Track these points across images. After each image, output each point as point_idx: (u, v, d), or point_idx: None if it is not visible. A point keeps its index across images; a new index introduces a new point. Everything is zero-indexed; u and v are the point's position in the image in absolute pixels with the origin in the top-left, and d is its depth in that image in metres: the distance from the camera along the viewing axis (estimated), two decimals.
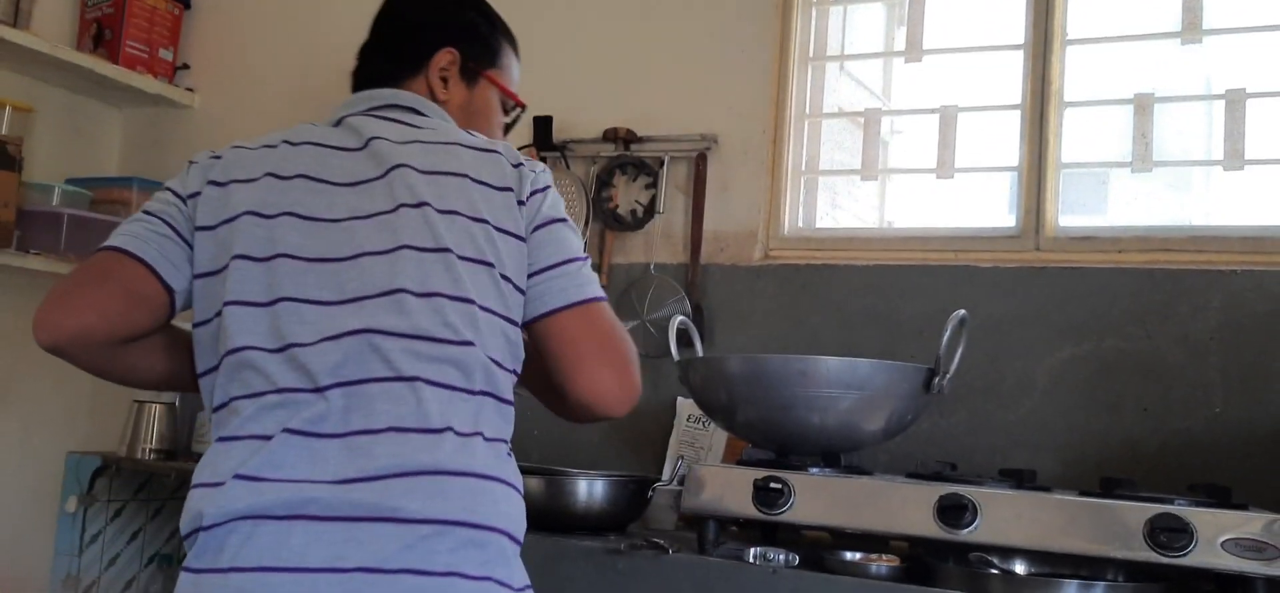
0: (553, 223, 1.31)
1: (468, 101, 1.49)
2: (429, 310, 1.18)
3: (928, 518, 1.49)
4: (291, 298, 1.19)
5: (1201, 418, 1.81)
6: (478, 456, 1.15)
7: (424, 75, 1.46)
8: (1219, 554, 1.35)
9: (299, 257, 1.22)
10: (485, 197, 1.27)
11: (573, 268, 1.29)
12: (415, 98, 1.42)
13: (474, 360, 1.18)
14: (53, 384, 2.72)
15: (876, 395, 1.67)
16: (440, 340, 1.17)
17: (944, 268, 2.05)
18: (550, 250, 1.29)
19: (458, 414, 1.16)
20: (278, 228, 1.24)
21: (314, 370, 1.15)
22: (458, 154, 1.30)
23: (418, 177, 1.26)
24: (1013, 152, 2.11)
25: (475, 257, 1.23)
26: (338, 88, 2.61)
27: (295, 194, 1.26)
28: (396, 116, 1.39)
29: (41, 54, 2.46)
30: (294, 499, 1.08)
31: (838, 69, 2.41)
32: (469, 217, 1.25)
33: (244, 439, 1.14)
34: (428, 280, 1.19)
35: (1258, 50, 2.04)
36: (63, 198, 2.54)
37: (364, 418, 1.13)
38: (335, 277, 1.20)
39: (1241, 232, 1.91)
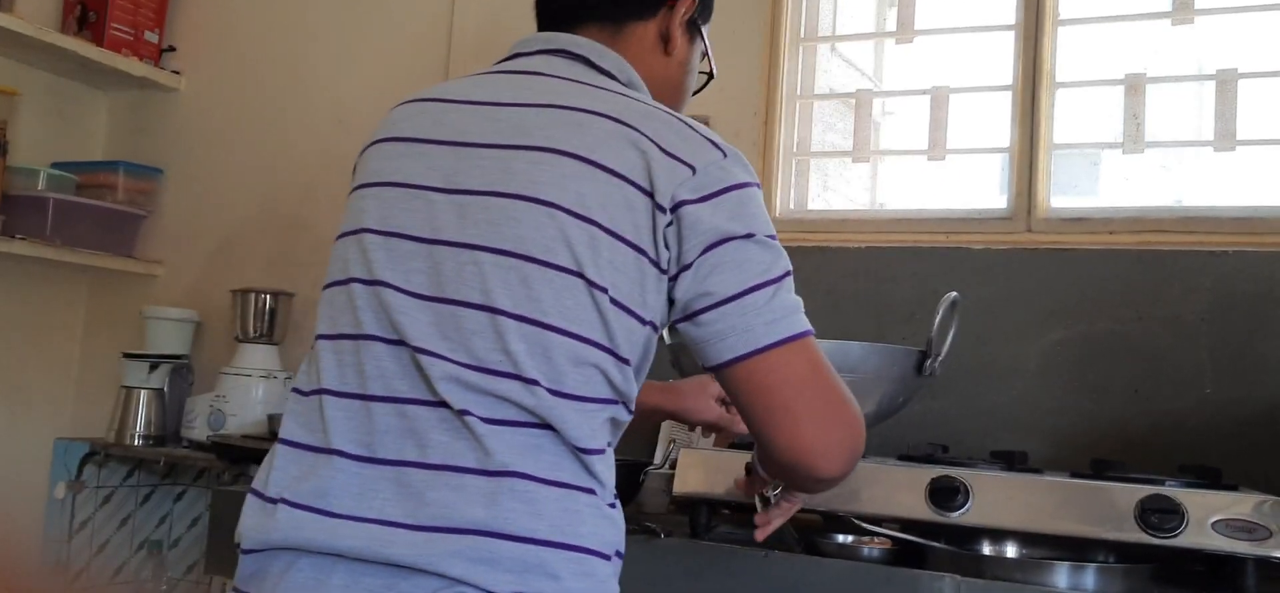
0: (728, 241, 1.03)
1: (686, 60, 1.25)
2: (491, 332, 1.00)
3: (919, 501, 1.49)
4: (371, 280, 1.05)
5: (1191, 399, 1.82)
6: (545, 512, 0.98)
7: (658, 22, 1.21)
8: (1209, 535, 1.35)
9: (375, 229, 1.07)
10: (602, 188, 1.02)
11: (756, 300, 1.03)
12: (595, 47, 1.16)
13: (537, 400, 0.99)
14: (40, 370, 2.71)
15: (868, 379, 1.67)
16: (492, 371, 1.00)
17: (935, 250, 2.05)
18: (724, 277, 1.03)
19: (522, 456, 0.99)
20: (367, 197, 1.10)
21: (367, 373, 1.03)
22: (587, 127, 1.05)
23: (525, 155, 1.04)
24: (1004, 133, 2.10)
25: (570, 267, 1.01)
26: (327, 69, 2.61)
27: (394, 160, 1.11)
28: (552, 68, 1.14)
29: (26, 36, 2.44)
30: (334, 541, 0.99)
31: (829, 50, 2.40)
32: (574, 214, 1.01)
33: (298, 449, 1.04)
34: (496, 293, 1.01)
35: (1248, 31, 2.03)
36: (48, 182, 2.53)
37: (417, 449, 0.99)
38: (402, 261, 1.05)
39: (1232, 212, 1.91)
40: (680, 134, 1.07)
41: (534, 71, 1.15)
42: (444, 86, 1.18)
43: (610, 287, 1.02)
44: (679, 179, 1.04)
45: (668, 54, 1.23)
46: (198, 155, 2.74)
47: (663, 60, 1.23)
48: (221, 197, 2.70)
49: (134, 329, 2.62)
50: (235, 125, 2.71)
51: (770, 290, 1.04)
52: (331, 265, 1.11)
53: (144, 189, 2.73)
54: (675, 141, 1.06)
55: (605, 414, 1.05)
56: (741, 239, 1.04)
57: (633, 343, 1.05)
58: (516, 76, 1.15)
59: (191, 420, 2.43)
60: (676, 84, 1.25)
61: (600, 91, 1.11)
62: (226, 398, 2.40)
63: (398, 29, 2.57)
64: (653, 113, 1.09)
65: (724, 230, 1.03)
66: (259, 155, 2.67)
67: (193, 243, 2.72)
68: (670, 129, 1.07)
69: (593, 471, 1.02)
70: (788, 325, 1.04)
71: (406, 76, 2.51)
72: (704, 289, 1.03)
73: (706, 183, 1.04)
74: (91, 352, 2.77)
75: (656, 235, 1.03)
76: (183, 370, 2.55)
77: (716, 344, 1.04)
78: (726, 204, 1.05)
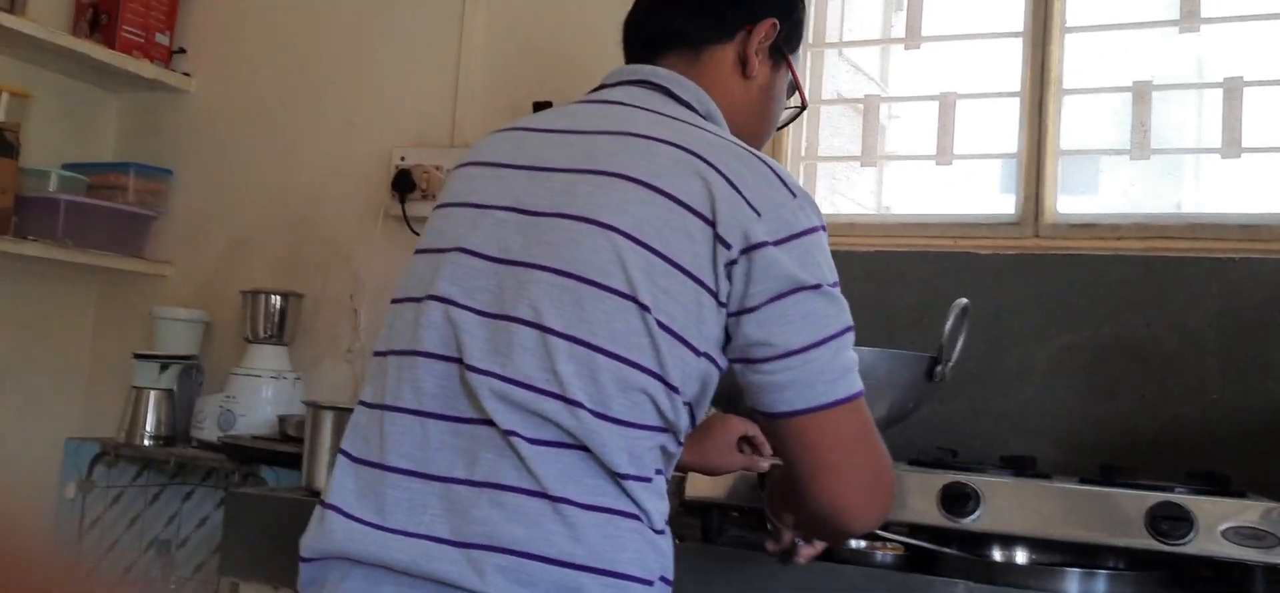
0: (797, 292, 1.02)
1: (768, 86, 1.24)
2: (541, 350, 1.00)
3: (931, 507, 1.51)
4: (439, 297, 1.07)
5: (1198, 405, 1.83)
6: (585, 537, 0.98)
7: (737, 45, 1.20)
8: (1219, 542, 1.37)
9: (454, 249, 1.09)
10: (662, 214, 1.02)
11: (820, 356, 1.02)
12: (674, 78, 1.16)
13: (579, 423, 0.99)
14: (51, 370, 2.72)
15: (878, 384, 1.68)
16: (537, 389, 1.00)
17: (943, 255, 2.06)
18: (790, 330, 1.02)
19: (564, 479, 0.99)
20: (449, 217, 1.12)
21: (426, 392, 1.05)
22: (653, 154, 1.05)
23: (590, 179, 1.05)
24: (1011, 138, 2.12)
25: (624, 291, 1.00)
26: (337, 71, 2.62)
27: (478, 182, 1.12)
28: (632, 98, 1.15)
29: (37, 39, 2.44)
30: (385, 554, 1.01)
31: (836, 55, 2.41)
32: (633, 238, 1.01)
33: (357, 463, 1.07)
34: (547, 312, 1.01)
35: (1255, 39, 2.05)
36: (60, 183, 2.54)
37: (466, 466, 1.01)
38: (467, 279, 1.07)
39: (1239, 220, 1.92)
40: (750, 167, 1.06)
41: (614, 101, 1.16)
42: (534, 118, 1.21)
43: (663, 314, 1.01)
44: (747, 217, 1.02)
45: (747, 78, 1.21)
46: (208, 156, 2.76)
47: (742, 84, 1.22)
48: (231, 198, 2.71)
49: (144, 330, 2.64)
50: (245, 126, 2.72)
51: (834, 347, 1.04)
52: (405, 280, 1.13)
53: (154, 190, 2.74)
54: (744, 175, 1.05)
55: (652, 442, 1.04)
56: (810, 290, 1.03)
57: (686, 373, 1.04)
58: (597, 106, 1.16)
59: (201, 421, 2.45)
60: (757, 111, 1.24)
61: (672, 121, 1.11)
62: (236, 398, 2.41)
63: (408, 29, 2.58)
64: (724, 145, 1.08)
65: (795, 279, 1.02)
66: (269, 156, 2.68)
67: (203, 244, 2.73)
68: (740, 161, 1.06)
69: (634, 496, 1.01)
70: (846, 385, 1.05)
71: (417, 77, 2.53)
72: (768, 337, 1.03)
73: (778, 227, 1.03)
74: (102, 352, 2.78)
75: (717, 268, 1.02)
76: (192, 371, 2.56)
77: (774, 394, 1.04)
78: (797, 250, 1.04)
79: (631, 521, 1.01)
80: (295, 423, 2.25)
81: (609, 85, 1.21)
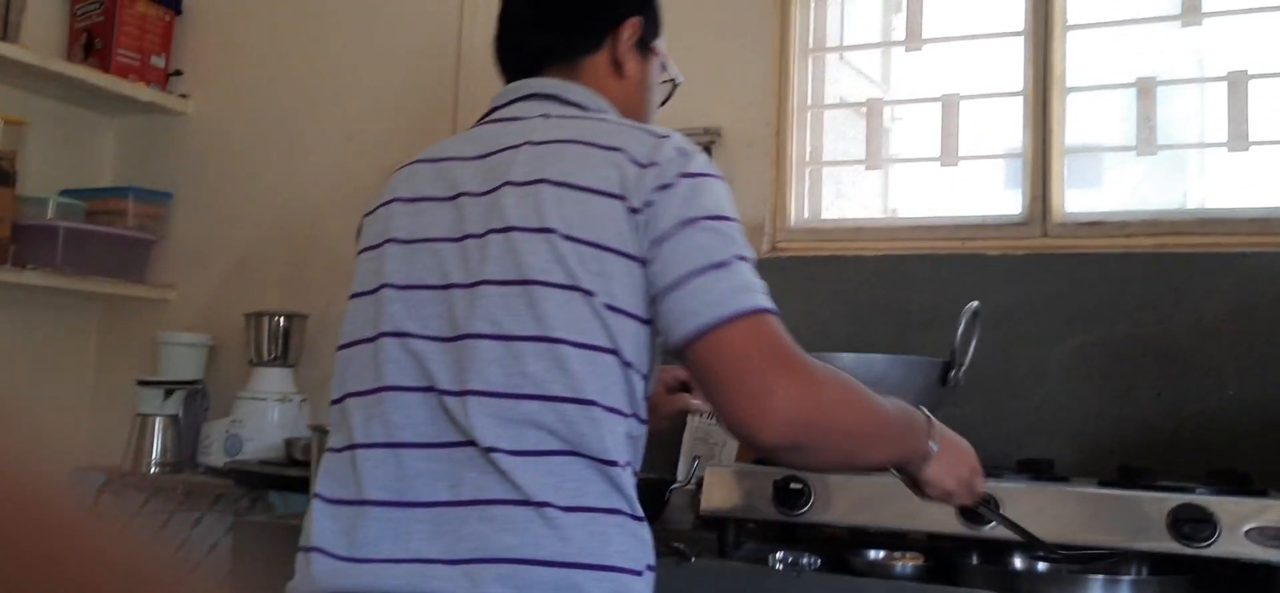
0: (684, 228, 1.08)
1: (642, 79, 1.31)
2: (508, 358, 1.06)
3: (949, 515, 1.49)
4: (393, 332, 1.13)
5: (1215, 402, 1.82)
6: (572, 537, 1.03)
7: (607, 50, 1.28)
8: (1243, 544, 1.35)
9: (395, 284, 1.15)
10: (584, 206, 1.10)
11: (703, 283, 1.07)
12: (561, 85, 1.24)
13: (559, 417, 1.05)
14: (53, 400, 2.70)
15: (893, 391, 1.65)
16: (515, 396, 1.05)
17: (952, 256, 2.05)
18: (675, 263, 1.08)
19: (545, 485, 1.04)
20: (386, 256, 1.18)
21: (395, 424, 1.10)
22: (561, 154, 1.13)
23: (513, 192, 1.12)
24: (1015, 137, 2.10)
25: (567, 283, 1.07)
26: (335, 88, 2.61)
27: (401, 219, 1.19)
28: (527, 112, 1.23)
29: (32, 66, 2.43)
30: (377, 583, 1.05)
31: (837, 59, 2.40)
32: (563, 235, 1.08)
33: (333, 504, 1.11)
34: (505, 321, 1.07)
35: (1257, 31, 2.03)
36: (58, 210, 2.52)
37: (449, 489, 1.05)
38: (420, 308, 1.12)
39: (1249, 213, 1.91)
40: (645, 143, 1.14)
41: (511, 118, 1.24)
42: (438, 147, 1.26)
43: (605, 294, 1.08)
44: (645, 179, 1.11)
45: (622, 78, 1.29)
46: (207, 178, 2.74)
47: (619, 84, 1.29)
48: (232, 219, 2.69)
49: (147, 355, 2.62)
50: (244, 147, 2.71)
51: (718, 274, 1.07)
52: (348, 324, 1.19)
53: (154, 214, 2.72)
54: (642, 149, 1.13)
55: (623, 428, 1.09)
56: (692, 224, 1.09)
57: (637, 345, 1.10)
58: (497, 125, 1.24)
59: (208, 446, 2.43)
60: (638, 102, 1.32)
61: (568, 120, 1.20)
62: (243, 423, 2.39)
63: (406, 45, 2.56)
64: (621, 129, 1.17)
65: (679, 216, 1.09)
66: (269, 176, 2.66)
67: (204, 266, 2.71)
68: (636, 140, 1.14)
69: (618, 485, 1.07)
70: (729, 305, 1.06)
71: (415, 92, 2.51)
72: (661, 273, 1.09)
73: (665, 175, 1.11)
74: (105, 380, 2.76)
75: (637, 236, 1.10)
76: (198, 396, 2.55)
77: (669, 328, 1.08)
78: (682, 192, 1.10)
79: (613, 516, 1.06)
80: (302, 446, 2.23)
81: (501, 106, 1.27)
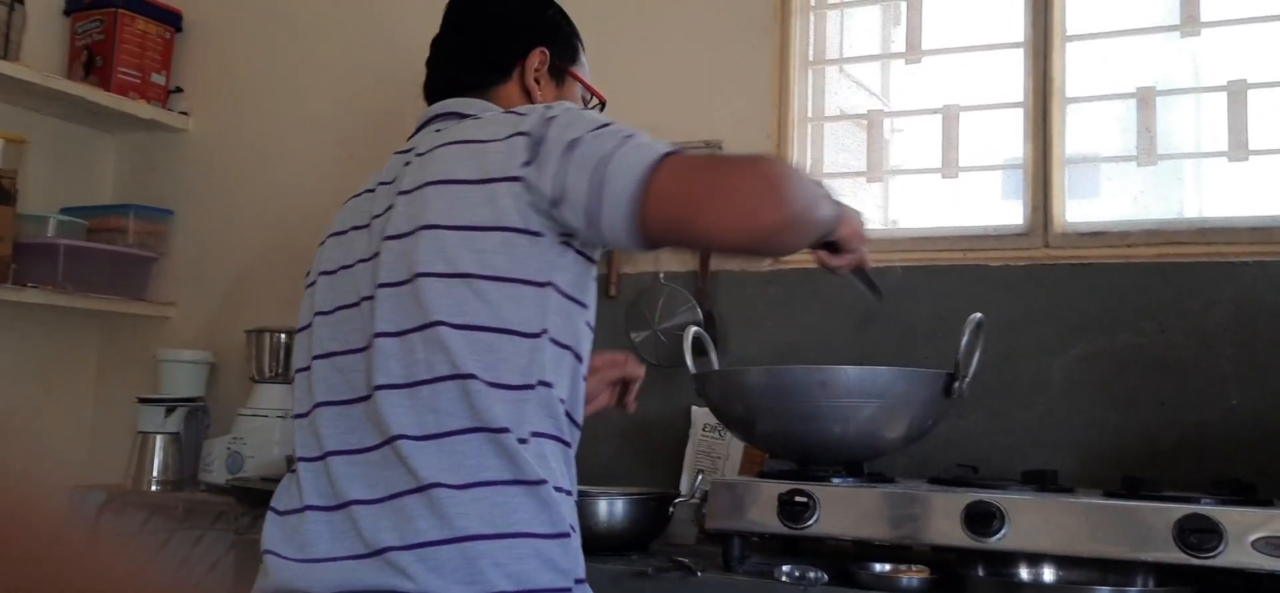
0: (568, 148, 1.13)
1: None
2: (402, 351, 1.15)
3: (955, 527, 1.49)
4: (322, 354, 1.26)
5: (1217, 411, 1.82)
6: (471, 512, 1.11)
7: (517, 79, 1.38)
8: (1250, 554, 1.35)
9: (323, 311, 1.28)
10: (459, 196, 1.16)
11: (608, 180, 1.11)
12: (465, 102, 1.33)
13: (451, 396, 1.13)
14: (54, 418, 2.70)
15: (897, 403, 1.67)
16: (413, 383, 1.14)
17: (954, 268, 2.05)
18: (577, 169, 1.12)
19: (444, 467, 1.12)
20: (316, 289, 1.30)
21: (322, 436, 1.21)
22: (439, 157, 1.21)
23: (402, 199, 1.21)
24: (1016, 148, 2.11)
25: (450, 271, 1.14)
26: (334, 104, 2.61)
27: (330, 251, 1.31)
28: (428, 137, 1.30)
29: (32, 84, 2.43)
30: (310, 581, 1.15)
31: (837, 72, 2.41)
32: (446, 227, 1.16)
33: (282, 514, 1.22)
34: (400, 318, 1.16)
35: (1256, 41, 2.04)
36: (58, 228, 2.52)
37: (366, 487, 1.15)
38: (341, 326, 1.24)
39: (1249, 222, 1.91)
40: (504, 122, 1.21)
41: (412, 147, 1.31)
42: (367, 180, 1.35)
43: (485, 270, 1.14)
44: (516, 149, 1.16)
45: (535, 103, 1.36)
46: (207, 195, 2.74)
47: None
48: (233, 236, 2.69)
49: (148, 373, 2.62)
50: (244, 164, 2.71)
51: (614, 160, 1.12)
52: (296, 356, 1.32)
53: (154, 231, 2.72)
54: (501, 129, 1.19)
55: (531, 400, 1.14)
56: (572, 142, 1.14)
57: (527, 313, 1.14)
58: (403, 154, 1.31)
59: (209, 464, 2.42)
60: None
61: (452, 126, 1.27)
62: (244, 440, 2.39)
63: (403, 62, 2.56)
64: (486, 122, 1.23)
65: (558, 140, 1.14)
66: (269, 193, 2.66)
67: (205, 283, 2.71)
68: (498, 124, 1.21)
69: (517, 461, 1.12)
70: (627, 181, 1.11)
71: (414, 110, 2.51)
72: (577, 196, 1.12)
73: (535, 125, 1.17)
74: (105, 397, 2.76)
75: (521, 209, 1.14)
76: (198, 413, 2.54)
77: (607, 230, 1.12)
78: (552, 126, 1.16)
79: (519, 486, 1.12)
80: None
81: (414, 133, 1.36)
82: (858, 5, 2.35)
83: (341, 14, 2.66)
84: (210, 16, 2.81)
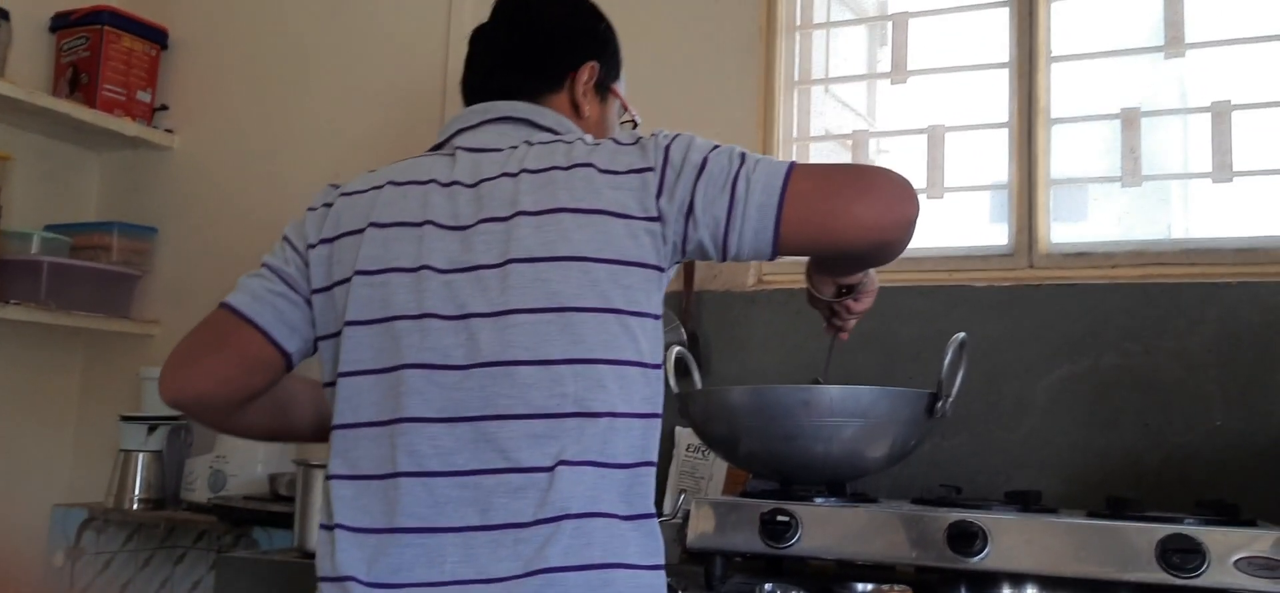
0: (696, 167, 1.16)
1: (599, 120, 1.37)
2: (547, 381, 1.09)
3: (938, 547, 1.48)
4: (413, 365, 1.14)
5: (1202, 432, 1.82)
6: (596, 542, 1.08)
7: (567, 90, 1.34)
8: (1232, 574, 1.35)
9: (407, 315, 1.15)
10: (608, 229, 1.14)
11: (741, 191, 1.14)
12: (533, 109, 1.29)
13: (602, 433, 1.10)
14: (36, 436, 2.68)
15: (880, 422, 1.66)
16: (561, 415, 1.09)
17: (938, 288, 2.05)
18: (712, 187, 1.15)
19: (577, 497, 1.08)
20: (388, 286, 1.17)
21: (421, 451, 1.11)
22: (563, 183, 1.16)
23: (529, 221, 1.14)
24: (1001, 169, 2.11)
25: (602, 306, 1.12)
26: (320, 122, 2.60)
27: (399, 245, 1.18)
28: (501, 138, 1.25)
29: (17, 101, 2.42)
30: None
31: (822, 92, 2.41)
32: (593, 259, 1.13)
33: (359, 532, 1.12)
34: (542, 346, 1.10)
35: (1241, 62, 2.05)
36: (42, 245, 2.51)
37: (479, 513, 1.08)
38: (445, 337, 1.13)
39: (1234, 244, 1.91)
40: (618, 154, 1.19)
41: (489, 147, 1.24)
42: (414, 168, 1.25)
43: (631, 305, 1.13)
44: (648, 184, 1.16)
45: (581, 118, 1.33)
46: (192, 213, 2.73)
47: (578, 124, 1.33)
48: (217, 253, 2.68)
49: (131, 391, 2.60)
50: (229, 181, 2.70)
51: (744, 176, 1.15)
52: (352, 353, 1.17)
53: (139, 249, 2.71)
54: (620, 159, 1.18)
55: (648, 431, 1.15)
56: (700, 164, 1.16)
57: (655, 345, 1.17)
58: (477, 154, 1.24)
59: (191, 482, 2.41)
60: (603, 136, 1.35)
61: (556, 144, 1.22)
62: (226, 458, 2.37)
63: (390, 80, 2.57)
64: (598, 148, 1.20)
65: (692, 163, 1.16)
66: (254, 210, 2.65)
67: (189, 301, 2.68)
68: (613, 154, 1.19)
69: (637, 492, 1.12)
70: (769, 190, 1.14)
71: (400, 127, 2.51)
72: (711, 216, 1.15)
73: (652, 158, 1.17)
74: (88, 415, 2.74)
75: (654, 243, 1.15)
76: (181, 432, 2.52)
77: (753, 243, 1.15)
78: (676, 153, 1.17)
79: (629, 521, 1.11)
80: (286, 482, 2.21)
81: (470, 128, 1.28)
82: (843, 26, 2.35)
83: (327, 32, 2.66)
84: (196, 34, 2.81)
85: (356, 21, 2.64)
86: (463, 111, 1.32)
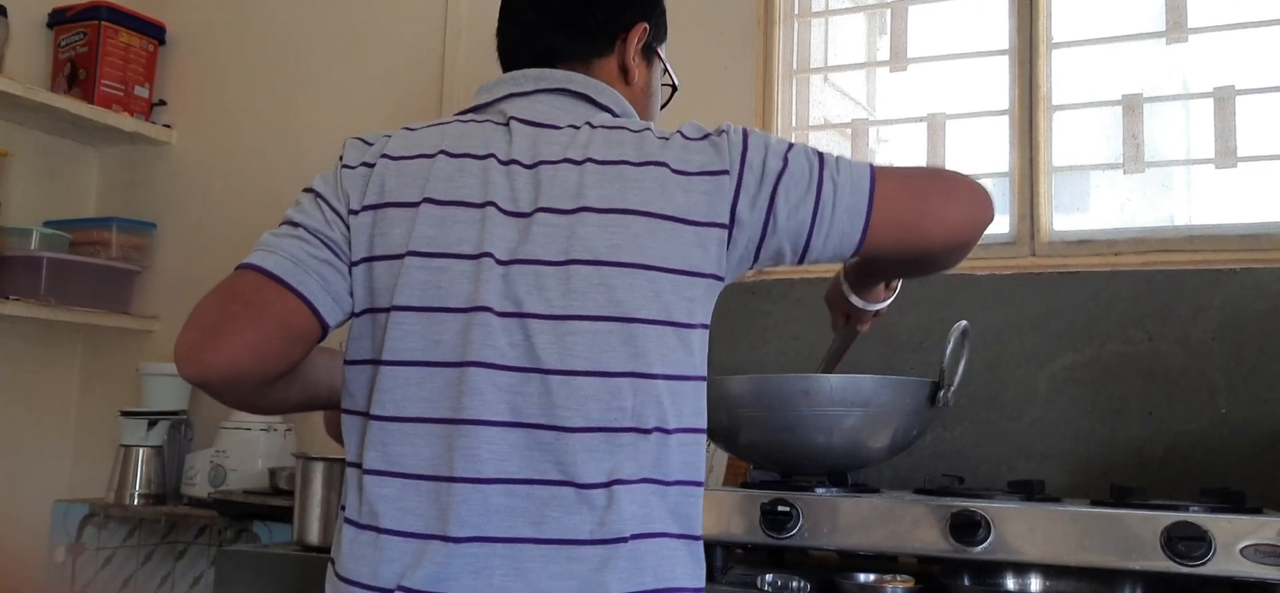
0: (777, 172, 1.12)
1: (647, 84, 1.31)
2: (604, 393, 1.05)
3: (940, 536, 1.47)
4: (479, 363, 1.06)
5: (1207, 420, 1.80)
6: (648, 566, 1.05)
7: (616, 54, 1.27)
8: (1238, 561, 1.33)
9: (467, 308, 1.08)
10: (676, 238, 1.09)
11: (828, 195, 1.12)
12: (588, 82, 1.22)
13: (654, 450, 1.06)
14: (36, 432, 2.67)
15: (881, 412, 1.65)
16: (618, 429, 1.05)
17: (940, 277, 2.02)
18: (796, 190, 1.12)
19: (633, 517, 1.05)
20: (448, 273, 1.09)
21: (479, 456, 1.04)
22: (633, 181, 1.10)
23: (594, 218, 1.08)
24: (1002, 156, 2.10)
25: (664, 319, 1.08)
26: (319, 117, 2.59)
27: (459, 228, 1.10)
28: (558, 113, 1.18)
29: (15, 97, 2.42)
30: None
31: (822, 80, 2.40)
32: (659, 268, 1.08)
33: (401, 536, 1.06)
34: (603, 357, 1.05)
35: (1243, 48, 2.03)
36: (41, 241, 2.50)
37: (532, 526, 1.03)
38: (507, 335, 1.06)
39: (1238, 230, 1.90)
40: (699, 147, 1.14)
41: (545, 123, 1.16)
42: (467, 139, 1.16)
43: (690, 318, 1.10)
44: (723, 188, 1.11)
45: (629, 83, 1.28)
46: (191, 208, 2.72)
47: (625, 90, 1.27)
48: (216, 248, 2.67)
49: (131, 386, 2.59)
50: (228, 176, 2.69)
51: (830, 177, 1.13)
52: (398, 341, 1.09)
53: (138, 244, 2.71)
54: (692, 157, 1.12)
55: (699, 445, 1.12)
56: (779, 168, 1.12)
57: (705, 355, 1.14)
58: (533, 129, 1.15)
59: (192, 477, 2.40)
60: (643, 107, 1.31)
61: (622, 134, 1.15)
62: (227, 453, 2.36)
63: (389, 74, 2.56)
64: (669, 144, 1.14)
65: (770, 170, 1.12)
66: (253, 205, 2.65)
67: (189, 296, 2.63)
68: (691, 149, 1.13)
69: (685, 511, 1.09)
70: (857, 191, 1.13)
71: (398, 121, 2.49)
72: (796, 221, 1.12)
73: (728, 158, 1.12)
74: (88, 411, 2.73)
75: (720, 251, 1.11)
76: (181, 427, 2.52)
77: (837, 245, 1.14)
78: (754, 156, 1.13)
79: (678, 541, 1.08)
80: (287, 476, 2.20)
81: (522, 95, 1.21)
82: (842, 13, 2.34)
83: (325, 27, 2.65)
84: (194, 29, 2.80)
85: (354, 16, 2.63)
86: (510, 74, 1.24)
